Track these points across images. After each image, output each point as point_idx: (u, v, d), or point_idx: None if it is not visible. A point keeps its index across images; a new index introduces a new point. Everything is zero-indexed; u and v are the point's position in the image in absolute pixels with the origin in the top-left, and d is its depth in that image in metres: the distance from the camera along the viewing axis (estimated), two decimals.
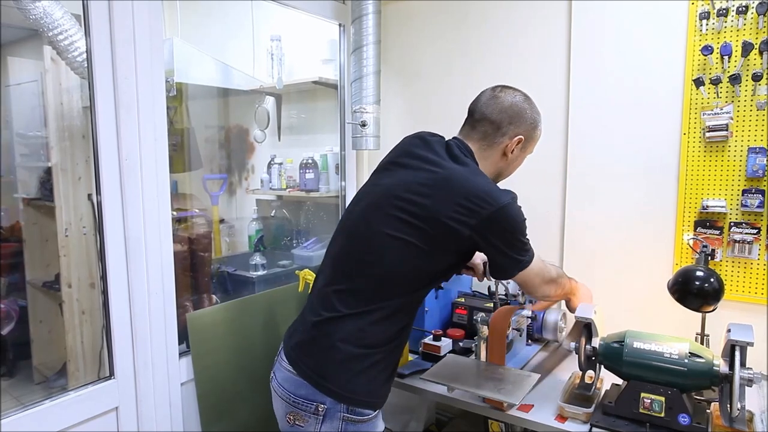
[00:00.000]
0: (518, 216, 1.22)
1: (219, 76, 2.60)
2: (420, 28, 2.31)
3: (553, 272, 1.37)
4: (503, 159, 1.34)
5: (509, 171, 1.40)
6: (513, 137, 1.31)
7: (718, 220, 1.66)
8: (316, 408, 1.17)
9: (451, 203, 1.16)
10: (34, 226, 2.55)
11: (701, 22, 1.64)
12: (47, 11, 1.60)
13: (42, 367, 2.51)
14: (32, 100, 2.54)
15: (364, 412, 1.20)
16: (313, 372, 1.19)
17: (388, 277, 1.20)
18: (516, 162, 1.38)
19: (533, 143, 1.38)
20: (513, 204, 1.20)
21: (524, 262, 1.24)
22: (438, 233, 1.18)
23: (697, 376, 1.28)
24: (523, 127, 1.32)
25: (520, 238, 1.23)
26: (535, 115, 1.36)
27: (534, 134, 1.36)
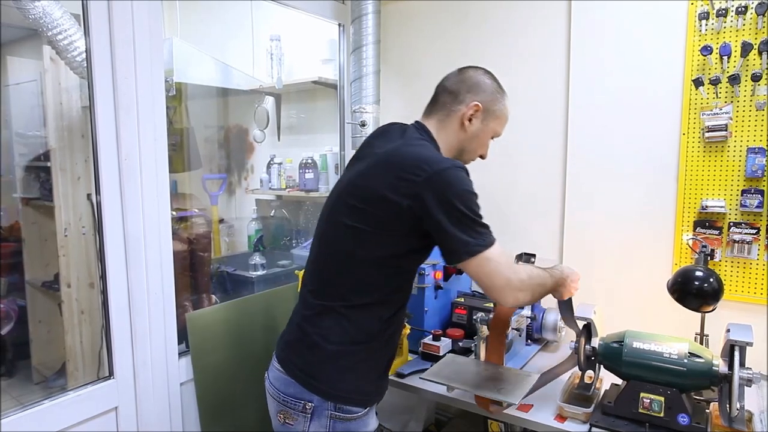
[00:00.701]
0: (460, 182, 1.10)
1: (218, 75, 2.60)
2: (420, 28, 2.31)
3: (522, 274, 1.16)
4: (462, 130, 1.28)
5: (472, 147, 1.31)
6: (469, 104, 1.26)
7: (717, 220, 1.66)
8: (304, 406, 1.17)
9: (389, 178, 1.12)
10: (33, 225, 2.55)
11: (700, 23, 1.64)
12: (46, 11, 1.60)
13: (41, 366, 2.51)
14: (31, 99, 2.54)
15: (353, 409, 1.18)
16: (300, 371, 1.20)
17: (353, 270, 1.19)
18: (479, 138, 1.30)
19: (497, 121, 1.31)
20: (454, 169, 1.11)
21: (473, 245, 1.09)
22: (381, 213, 1.13)
23: (697, 376, 1.28)
24: (482, 96, 1.27)
25: (466, 212, 1.09)
26: (496, 89, 1.30)
27: (494, 108, 1.29)
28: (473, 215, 1.10)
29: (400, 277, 1.24)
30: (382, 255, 1.16)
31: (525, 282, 1.15)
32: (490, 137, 1.34)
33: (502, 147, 2.12)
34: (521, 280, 1.14)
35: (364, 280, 1.19)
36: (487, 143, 1.35)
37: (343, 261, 1.20)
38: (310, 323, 1.23)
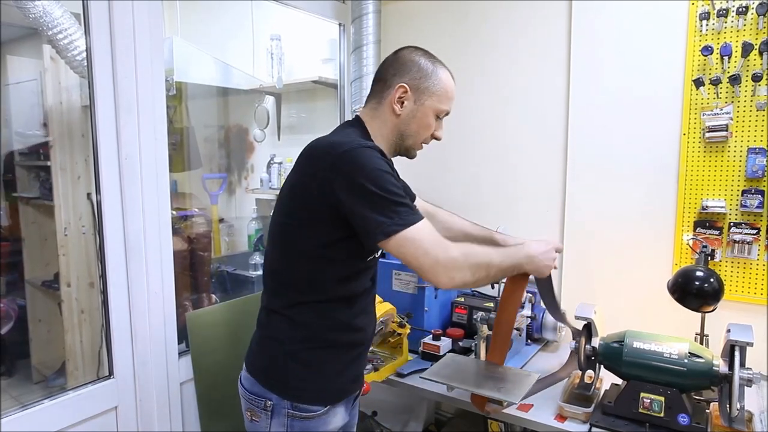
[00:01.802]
0: (367, 161, 1.05)
1: (219, 75, 2.60)
2: (420, 28, 2.30)
3: (455, 253, 1.07)
4: (394, 115, 1.22)
5: (411, 130, 1.24)
6: (395, 86, 1.21)
7: (717, 221, 1.66)
8: (265, 404, 1.17)
9: (302, 168, 1.12)
10: (33, 225, 2.54)
11: (701, 23, 1.64)
12: (47, 10, 1.60)
13: (41, 366, 2.50)
14: (31, 98, 2.53)
15: (311, 408, 1.16)
16: (259, 369, 1.21)
17: (290, 267, 1.18)
18: (417, 119, 1.23)
19: (434, 98, 1.23)
20: (359, 149, 1.06)
21: (388, 225, 1.03)
22: (301, 204, 1.12)
23: (697, 376, 1.28)
24: (408, 76, 1.21)
25: (376, 191, 1.03)
26: (426, 65, 1.23)
27: (426, 85, 1.22)
28: (385, 194, 1.04)
29: (337, 270, 1.16)
30: (310, 247, 1.13)
31: (458, 260, 1.06)
32: (434, 116, 1.25)
33: (502, 146, 2.13)
34: (452, 257, 1.06)
35: (303, 277, 1.16)
36: (432, 123, 1.26)
37: (281, 259, 1.19)
38: (263, 323, 1.25)
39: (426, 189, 2.37)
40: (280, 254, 1.19)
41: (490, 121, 2.16)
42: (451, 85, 1.27)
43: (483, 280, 1.13)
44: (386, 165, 1.10)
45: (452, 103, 1.28)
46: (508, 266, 1.20)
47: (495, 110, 2.14)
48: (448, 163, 2.29)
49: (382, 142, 1.23)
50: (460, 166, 2.26)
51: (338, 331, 1.19)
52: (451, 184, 2.29)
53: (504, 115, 2.11)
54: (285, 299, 1.19)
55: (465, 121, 2.21)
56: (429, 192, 2.36)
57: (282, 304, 1.20)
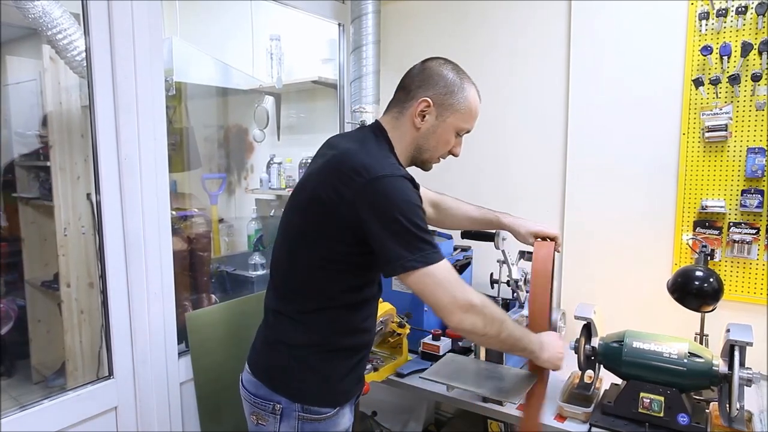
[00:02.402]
0: (398, 192, 1.05)
1: (218, 75, 2.60)
2: (419, 28, 2.30)
3: (474, 298, 1.08)
4: (414, 128, 1.20)
5: (430, 145, 1.23)
6: (418, 100, 1.18)
7: (717, 221, 1.66)
8: (273, 407, 1.17)
9: (328, 181, 1.10)
10: (33, 225, 2.54)
11: (701, 23, 1.64)
12: (46, 10, 1.60)
13: (40, 366, 2.50)
14: (31, 99, 2.53)
15: (321, 410, 1.17)
16: (266, 372, 1.20)
17: (300, 271, 1.17)
18: (436, 135, 1.21)
19: (457, 115, 1.21)
20: (392, 178, 1.06)
21: (409, 260, 1.03)
22: (320, 214, 1.11)
23: (697, 376, 1.28)
24: (433, 90, 1.18)
25: (404, 223, 1.03)
26: (453, 81, 1.20)
27: (451, 101, 1.19)
28: (413, 228, 1.04)
29: (351, 279, 1.17)
30: (327, 257, 1.13)
31: (475, 305, 1.08)
32: (455, 133, 1.24)
33: (501, 146, 2.13)
34: (469, 301, 1.07)
35: (317, 284, 1.16)
36: (451, 140, 1.24)
37: (294, 264, 1.18)
38: (271, 326, 1.23)
39: (424, 187, 2.37)
40: (295, 260, 1.18)
41: (489, 121, 2.16)
42: (476, 104, 1.24)
43: (493, 338, 1.13)
44: (416, 196, 1.09)
45: (475, 122, 1.26)
46: (520, 340, 1.19)
47: (495, 110, 2.14)
48: (447, 163, 2.28)
49: (400, 152, 1.22)
50: (459, 166, 2.25)
51: (348, 335, 1.20)
52: (451, 184, 2.28)
53: (504, 115, 2.11)
54: (296, 304, 1.19)
55: None
56: None
57: (293, 308, 1.19)
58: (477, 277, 2.10)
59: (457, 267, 1.91)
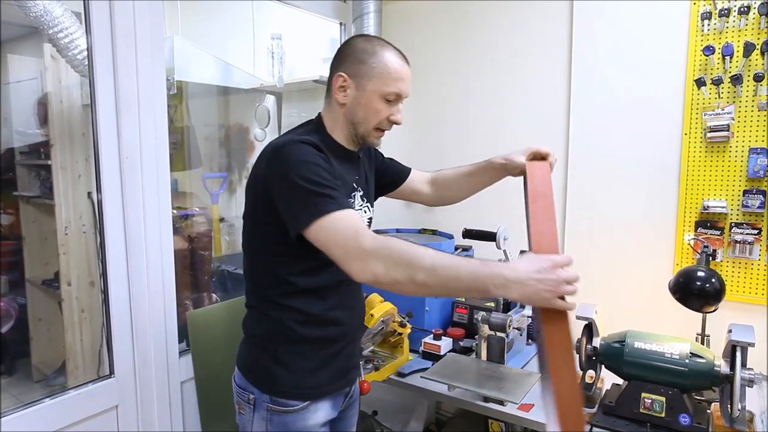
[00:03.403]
0: (295, 154, 1.06)
1: (219, 74, 2.60)
2: (420, 28, 2.30)
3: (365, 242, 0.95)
4: (339, 106, 1.19)
5: (358, 117, 1.19)
6: (335, 76, 1.18)
7: (719, 221, 1.66)
8: (248, 397, 1.19)
9: (253, 168, 1.16)
10: (34, 224, 2.54)
11: (703, 23, 1.64)
12: (47, 9, 1.60)
13: (41, 365, 2.50)
14: (32, 97, 2.53)
15: (289, 402, 1.17)
16: (243, 363, 1.24)
17: (255, 264, 1.22)
18: (362, 105, 1.17)
19: (377, 80, 1.16)
20: (291, 144, 1.08)
21: (306, 215, 1.01)
22: (251, 203, 1.17)
23: (698, 376, 1.28)
24: (346, 63, 1.17)
25: (299, 182, 1.02)
26: (364, 49, 1.17)
27: (365, 68, 1.16)
28: (307, 184, 1.02)
29: (300, 264, 1.15)
30: (269, 244, 1.16)
31: (369, 251, 0.95)
32: (382, 100, 1.17)
33: (502, 146, 2.12)
34: (359, 246, 0.96)
35: (269, 272, 1.18)
36: (380, 108, 1.17)
37: (248, 257, 1.23)
38: (245, 319, 1.28)
39: None
40: (249, 251, 1.22)
41: (490, 121, 2.16)
42: (394, 65, 1.17)
43: (409, 284, 0.94)
44: (316, 157, 1.07)
45: (404, 84, 1.18)
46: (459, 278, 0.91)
47: (495, 110, 2.14)
48: (447, 162, 2.28)
49: (339, 135, 1.22)
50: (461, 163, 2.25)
51: (311, 325, 1.17)
52: None
53: (504, 115, 2.11)
54: (257, 296, 1.22)
55: (465, 121, 2.21)
56: None
57: (255, 300, 1.23)
58: None
59: None
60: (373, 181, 1.40)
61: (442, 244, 1.97)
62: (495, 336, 1.62)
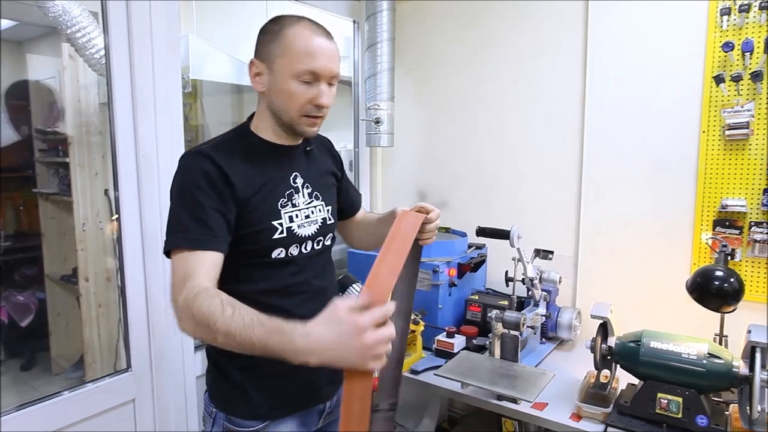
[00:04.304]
0: (179, 171, 1.04)
1: (233, 72, 2.61)
2: (434, 25, 2.29)
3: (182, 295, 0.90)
4: (261, 95, 1.12)
5: (278, 104, 1.08)
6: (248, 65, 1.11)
7: (737, 220, 1.64)
8: (211, 411, 1.13)
9: None
10: (53, 220, 2.58)
11: (722, 18, 1.61)
12: (66, 9, 1.62)
13: (60, 358, 2.55)
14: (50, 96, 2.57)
15: (243, 422, 1.09)
16: (207, 378, 1.17)
17: None
18: (278, 89, 1.07)
19: (281, 58, 1.05)
20: (183, 158, 1.05)
21: (166, 241, 0.99)
22: None
23: (716, 377, 1.27)
24: (258, 50, 1.10)
25: (171, 205, 1.02)
26: (270, 30, 1.08)
27: (269, 49, 1.07)
28: (176, 206, 1.01)
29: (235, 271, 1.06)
30: None
31: (180, 308, 0.91)
32: (296, 80, 1.05)
33: (517, 144, 2.11)
34: (177, 303, 0.92)
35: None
36: (295, 89, 1.05)
37: None
38: None
39: (442, 186, 2.36)
40: None
41: (505, 118, 2.14)
42: (301, 40, 1.05)
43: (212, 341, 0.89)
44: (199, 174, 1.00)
45: (316, 60, 1.05)
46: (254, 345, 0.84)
47: (510, 108, 2.12)
48: (461, 160, 2.28)
49: (267, 130, 1.13)
50: (474, 163, 2.25)
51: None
52: (465, 181, 2.28)
53: (519, 113, 2.10)
54: None
55: (479, 119, 2.20)
56: (445, 190, 2.36)
57: None
58: (492, 275, 2.10)
59: (472, 265, 1.91)
60: (332, 180, 1.28)
61: (455, 242, 1.97)
62: (509, 334, 1.61)
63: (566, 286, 1.96)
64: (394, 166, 2.52)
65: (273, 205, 1.09)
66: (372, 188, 2.57)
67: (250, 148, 1.11)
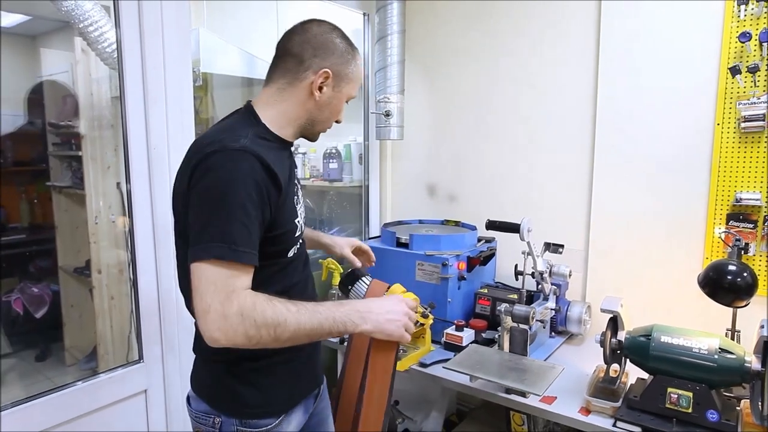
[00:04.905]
0: (222, 167, 0.93)
1: (244, 65, 2.62)
2: (445, 18, 2.28)
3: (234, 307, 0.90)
4: (311, 99, 1.10)
5: (324, 116, 1.14)
6: (318, 71, 1.09)
7: (752, 213, 1.61)
8: (213, 421, 1.10)
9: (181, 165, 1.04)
10: (66, 213, 2.61)
11: (739, 8, 1.58)
12: (78, 3, 1.63)
13: (73, 350, 2.59)
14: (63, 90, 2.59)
15: (260, 422, 1.09)
16: (204, 387, 1.14)
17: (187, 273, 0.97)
18: (331, 105, 1.13)
19: (350, 85, 1.15)
20: (224, 152, 0.95)
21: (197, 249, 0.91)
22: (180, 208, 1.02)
23: (727, 372, 1.26)
24: (331, 60, 1.10)
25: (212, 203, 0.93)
26: (347, 50, 1.13)
27: (347, 71, 1.13)
28: (220, 209, 0.92)
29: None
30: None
31: (236, 321, 0.90)
32: (345, 101, 1.18)
33: (529, 136, 2.10)
34: (230, 314, 0.90)
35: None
36: (342, 109, 1.18)
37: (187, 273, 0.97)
38: (196, 340, 1.17)
39: (452, 180, 2.36)
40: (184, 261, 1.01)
41: (517, 112, 2.13)
42: (361, 72, 1.19)
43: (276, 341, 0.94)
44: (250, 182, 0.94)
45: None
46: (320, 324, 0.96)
47: (522, 101, 2.11)
48: (472, 153, 2.27)
49: (285, 128, 1.12)
50: (484, 156, 2.24)
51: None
52: (475, 174, 2.27)
53: (530, 105, 2.08)
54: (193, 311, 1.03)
55: (489, 113, 2.19)
56: (455, 183, 2.35)
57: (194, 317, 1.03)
58: (501, 268, 2.09)
59: (481, 258, 1.90)
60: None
61: (464, 236, 1.97)
62: (518, 328, 1.61)
63: (576, 280, 1.95)
64: (403, 159, 2.51)
65: (292, 204, 1.12)
66: (382, 181, 2.57)
67: (274, 144, 1.08)
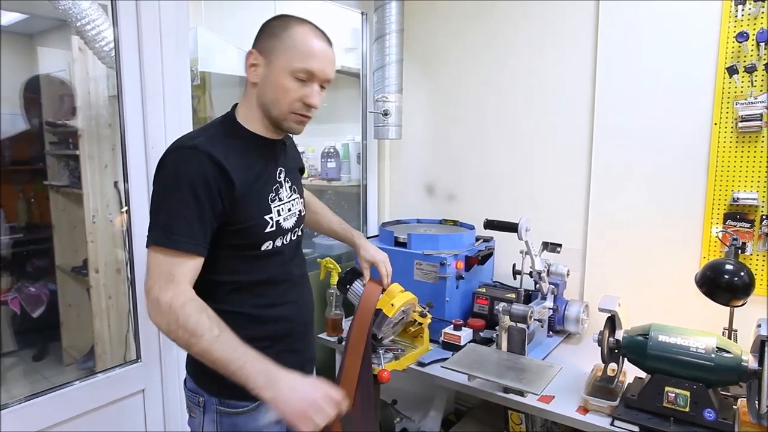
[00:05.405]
0: (172, 164, 1.03)
1: (242, 65, 2.61)
2: (443, 17, 2.28)
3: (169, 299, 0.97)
4: (252, 86, 1.13)
5: (269, 98, 1.11)
6: (246, 54, 1.12)
7: (749, 213, 1.62)
8: (198, 400, 1.15)
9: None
10: (63, 212, 2.61)
11: (736, 8, 1.59)
12: (75, 2, 1.63)
13: (71, 349, 2.58)
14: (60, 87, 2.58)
15: (238, 404, 1.12)
16: (191, 366, 1.18)
17: None
18: (272, 84, 1.09)
19: (286, 55, 1.08)
20: (176, 150, 1.05)
21: (149, 237, 1.02)
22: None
23: (725, 371, 1.26)
24: (260, 40, 1.11)
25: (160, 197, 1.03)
26: (276, 25, 1.11)
27: (273, 43, 1.09)
28: (165, 201, 1.02)
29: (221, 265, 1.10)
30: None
31: (164, 309, 0.98)
32: (292, 78, 1.09)
33: (527, 136, 2.10)
34: (161, 302, 0.98)
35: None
36: (289, 86, 1.09)
37: None
38: None
39: (450, 179, 2.36)
40: None
41: (514, 111, 2.13)
42: (305, 41, 1.10)
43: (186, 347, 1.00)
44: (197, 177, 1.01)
45: (316, 62, 1.11)
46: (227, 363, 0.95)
47: (519, 101, 2.11)
48: (470, 152, 2.27)
49: (256, 123, 1.15)
50: (482, 155, 2.24)
51: (250, 324, 1.11)
52: (473, 173, 2.27)
53: (528, 105, 2.08)
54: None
55: (487, 112, 2.19)
56: (453, 182, 2.35)
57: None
58: (499, 268, 2.10)
59: (479, 257, 1.90)
60: (299, 174, 1.36)
61: (462, 235, 1.97)
62: (516, 327, 1.61)
63: (574, 279, 1.95)
64: (402, 158, 2.51)
65: (264, 200, 1.13)
66: (380, 181, 2.57)
67: (241, 141, 1.12)
